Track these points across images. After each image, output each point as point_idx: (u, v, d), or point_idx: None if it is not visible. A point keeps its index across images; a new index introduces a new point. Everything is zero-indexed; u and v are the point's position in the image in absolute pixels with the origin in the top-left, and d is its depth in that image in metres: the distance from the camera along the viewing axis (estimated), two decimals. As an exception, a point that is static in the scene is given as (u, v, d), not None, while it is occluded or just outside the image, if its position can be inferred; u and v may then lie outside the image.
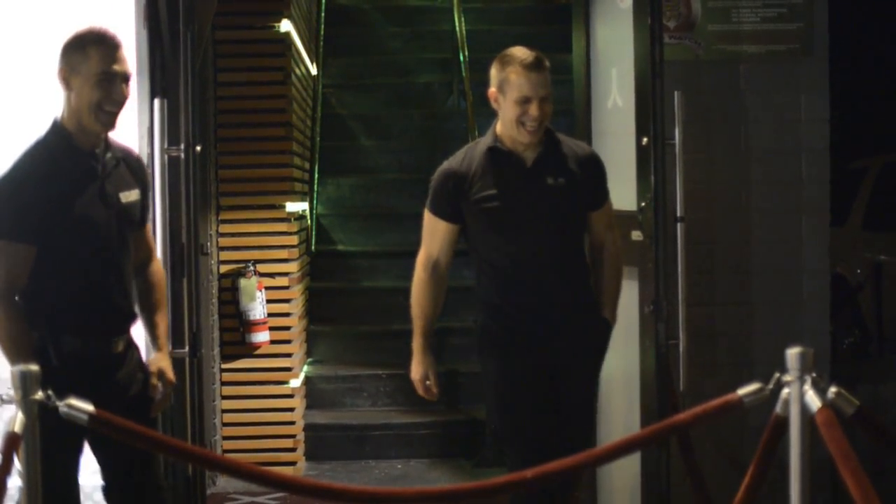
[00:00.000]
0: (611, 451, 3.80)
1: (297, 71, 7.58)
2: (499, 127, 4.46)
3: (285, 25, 6.98)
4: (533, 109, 4.30)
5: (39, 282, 3.78)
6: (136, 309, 4.08)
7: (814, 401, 3.11)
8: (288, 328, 6.99)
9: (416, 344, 4.54)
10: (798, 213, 5.44)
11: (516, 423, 4.42)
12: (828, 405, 3.11)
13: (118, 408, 3.82)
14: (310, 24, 8.92)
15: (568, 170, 4.43)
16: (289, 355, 6.98)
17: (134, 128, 5.07)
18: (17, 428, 3.31)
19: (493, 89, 4.40)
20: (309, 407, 7.45)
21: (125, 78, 3.84)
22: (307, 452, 7.14)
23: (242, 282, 6.70)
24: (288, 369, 6.97)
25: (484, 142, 4.48)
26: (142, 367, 4.07)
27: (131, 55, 5.06)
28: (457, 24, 9.77)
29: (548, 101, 4.35)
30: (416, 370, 4.53)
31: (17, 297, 3.75)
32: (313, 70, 8.98)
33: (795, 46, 5.41)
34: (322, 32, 9.46)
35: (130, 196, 3.96)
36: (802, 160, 5.44)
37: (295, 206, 7.14)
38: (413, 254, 4.68)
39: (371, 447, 7.21)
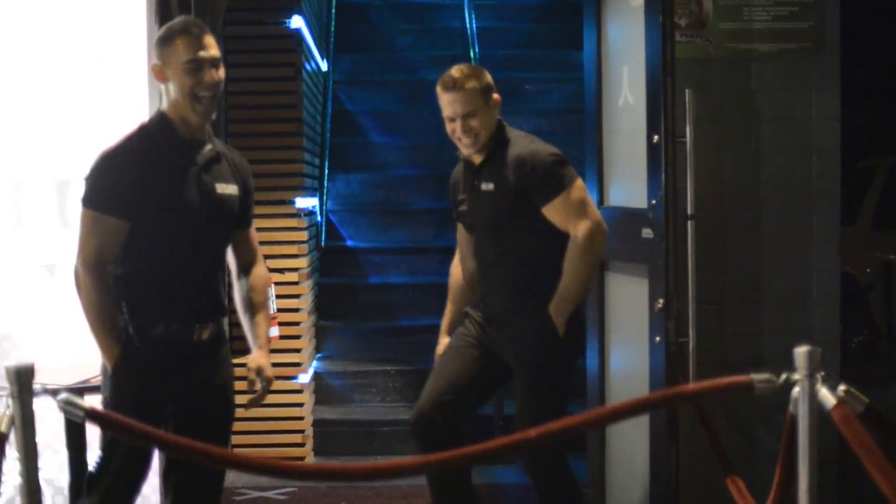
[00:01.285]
0: (616, 412, 3.77)
1: (308, 67, 7.59)
2: None
3: (296, 21, 6.99)
4: (457, 128, 4.58)
5: (128, 262, 3.83)
6: (239, 309, 4.18)
7: (828, 398, 3.13)
8: (297, 323, 7.00)
9: (442, 323, 4.92)
10: (808, 211, 5.43)
11: (434, 372, 4.78)
12: (844, 402, 3.12)
13: (198, 395, 3.91)
14: (320, 19, 8.93)
15: (499, 175, 4.61)
16: (298, 350, 7.00)
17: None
18: (5, 425, 3.31)
19: None
20: (318, 402, 7.47)
21: (214, 63, 3.93)
22: (316, 448, 7.15)
23: (252, 277, 6.70)
24: (297, 364, 6.98)
25: None
26: (229, 361, 4.14)
27: (143, 49, 5.10)
28: (467, 20, 9.77)
29: (473, 117, 4.56)
30: (440, 344, 4.88)
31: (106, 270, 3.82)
32: (324, 66, 8.98)
33: (807, 44, 5.40)
34: (332, 28, 9.47)
35: (227, 189, 4.01)
36: (813, 159, 5.43)
37: (305, 202, 7.15)
38: (422, 250, 4.82)
39: (380, 443, 7.22)
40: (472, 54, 9.49)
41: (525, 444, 3.59)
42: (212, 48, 3.92)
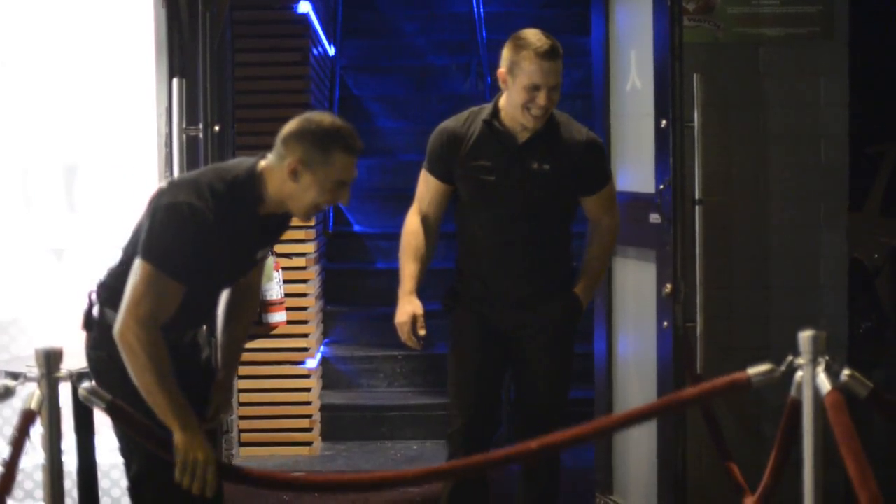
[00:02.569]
0: (617, 422, 3.82)
1: (315, 52, 7.58)
2: (502, 101, 4.41)
3: (303, 6, 6.98)
4: (541, 98, 4.26)
5: None
6: (220, 327, 3.95)
7: (824, 383, 3.13)
8: (304, 308, 7.01)
9: (401, 290, 4.47)
10: (816, 197, 5.42)
11: (458, 384, 4.49)
12: (838, 388, 3.13)
13: (188, 390, 3.64)
14: (327, 4, 8.92)
15: (556, 156, 4.37)
16: (305, 335, 7.00)
17: (152, 108, 5.08)
18: (35, 405, 3.33)
19: (502, 69, 4.35)
20: (325, 387, 7.47)
21: (350, 182, 3.69)
22: (323, 433, 7.16)
23: (259, 262, 6.70)
24: (304, 350, 6.99)
25: (485, 110, 4.45)
26: (209, 366, 3.99)
27: (150, 35, 5.09)
28: (475, 5, 9.76)
29: (557, 89, 4.29)
30: (403, 312, 4.41)
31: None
32: (331, 51, 8.98)
33: (815, 30, 5.39)
34: (340, 13, 9.46)
35: (264, 253, 3.87)
36: (821, 144, 5.42)
37: (312, 187, 7.13)
38: None
39: (387, 428, 7.23)
40: (479, 39, 9.48)
41: (529, 454, 3.63)
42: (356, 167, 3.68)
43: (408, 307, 4.42)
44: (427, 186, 4.59)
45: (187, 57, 5.25)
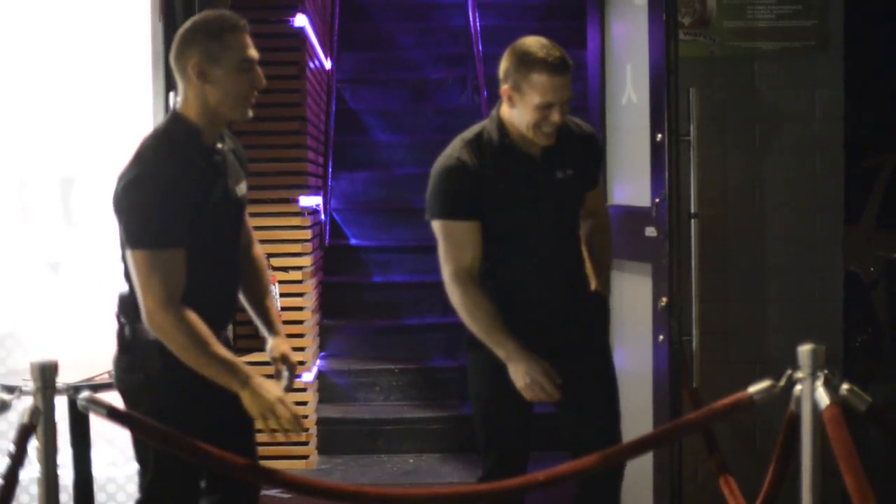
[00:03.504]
0: (622, 452, 3.82)
1: (312, 65, 7.59)
2: (504, 113, 4.08)
3: (300, 20, 6.99)
4: (555, 115, 3.96)
5: None
6: (244, 294, 3.92)
7: (823, 398, 3.14)
8: (301, 322, 7.00)
9: (510, 349, 3.97)
10: (812, 210, 5.43)
11: (498, 429, 4.20)
12: (837, 402, 3.14)
13: (223, 400, 3.64)
14: (324, 18, 8.93)
15: (574, 158, 4.12)
16: (302, 349, 6.99)
17: (149, 121, 5.09)
18: (31, 419, 3.33)
19: (506, 87, 4.02)
20: (321, 401, 7.47)
21: (258, 61, 3.66)
22: (319, 446, 7.15)
23: (256, 275, 6.69)
24: (301, 363, 6.97)
25: (489, 133, 4.10)
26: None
27: (146, 48, 5.10)
28: (471, 19, 9.78)
29: (569, 102, 4.01)
30: (529, 370, 3.95)
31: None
32: (327, 64, 8.99)
33: (810, 43, 5.40)
34: (336, 27, 9.48)
35: (242, 189, 3.78)
36: (817, 157, 5.43)
37: (308, 201, 7.15)
38: (426, 248, 4.69)
39: (383, 441, 7.22)
40: (475, 53, 9.50)
41: (533, 486, 3.63)
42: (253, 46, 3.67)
43: (532, 362, 3.95)
44: (462, 235, 4.04)
45: (184, 70, 5.25)
